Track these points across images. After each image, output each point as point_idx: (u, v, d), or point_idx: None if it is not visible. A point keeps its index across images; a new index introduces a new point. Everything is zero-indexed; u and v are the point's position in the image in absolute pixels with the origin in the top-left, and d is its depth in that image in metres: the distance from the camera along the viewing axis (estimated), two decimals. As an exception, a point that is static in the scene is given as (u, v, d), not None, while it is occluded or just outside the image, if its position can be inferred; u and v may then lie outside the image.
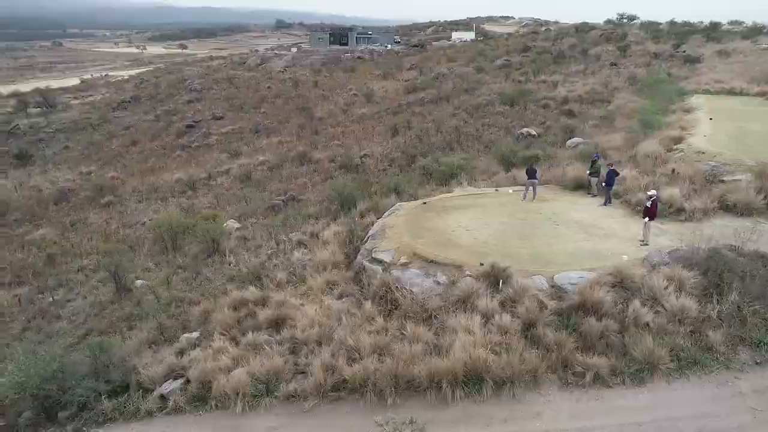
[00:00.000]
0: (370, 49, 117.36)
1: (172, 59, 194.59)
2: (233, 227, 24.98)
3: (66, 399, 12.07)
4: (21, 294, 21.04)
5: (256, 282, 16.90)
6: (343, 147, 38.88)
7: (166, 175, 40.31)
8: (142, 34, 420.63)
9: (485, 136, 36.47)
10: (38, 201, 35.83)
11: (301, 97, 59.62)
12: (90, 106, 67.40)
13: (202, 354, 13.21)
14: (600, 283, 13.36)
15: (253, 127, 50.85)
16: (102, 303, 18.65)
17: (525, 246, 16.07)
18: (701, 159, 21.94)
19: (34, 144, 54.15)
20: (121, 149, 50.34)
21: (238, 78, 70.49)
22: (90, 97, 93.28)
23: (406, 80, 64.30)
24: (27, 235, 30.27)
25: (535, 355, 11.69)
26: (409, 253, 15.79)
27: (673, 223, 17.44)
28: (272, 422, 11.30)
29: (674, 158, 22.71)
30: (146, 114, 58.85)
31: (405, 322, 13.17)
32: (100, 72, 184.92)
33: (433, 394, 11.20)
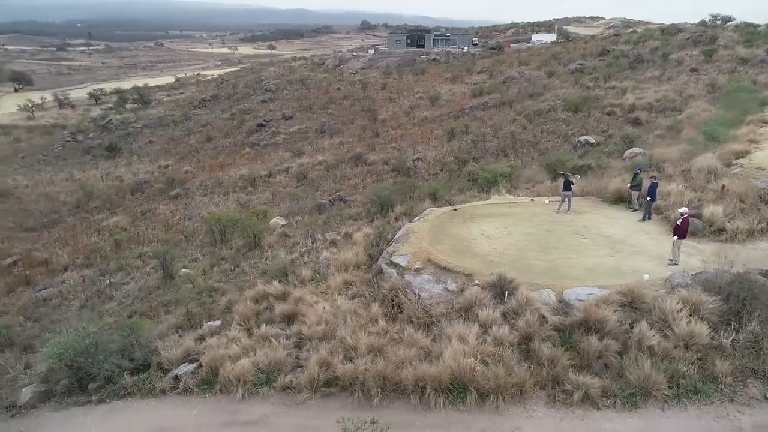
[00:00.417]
0: (447, 51, 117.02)
1: (259, 59, 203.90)
2: (279, 224, 26.23)
3: (95, 372, 13.45)
4: (86, 275, 23.33)
5: (282, 277, 17.82)
6: (399, 150, 39.41)
7: (233, 170, 42.68)
8: (235, 35, 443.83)
9: (542, 143, 35.70)
10: (117, 190, 39.21)
11: (368, 99, 60.78)
12: (175, 104, 72.38)
13: (216, 341, 14.23)
14: (608, 302, 13.00)
15: (319, 128, 52.55)
16: (149, 288, 20.34)
17: (543, 258, 15.86)
18: (760, 176, 20.47)
19: (123, 138, 59.03)
20: (197, 145, 53.79)
21: (311, 79, 72.90)
22: (180, 94, 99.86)
23: (474, 84, 63.75)
24: (103, 221, 33.31)
25: (525, 369, 11.64)
26: (424, 258, 16.05)
27: (711, 243, 16.50)
28: (267, 410, 12.02)
29: (731, 174, 21.31)
30: (223, 112, 62.38)
31: (405, 327, 13.50)
32: (193, 71, 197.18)
33: (417, 398, 11.47)
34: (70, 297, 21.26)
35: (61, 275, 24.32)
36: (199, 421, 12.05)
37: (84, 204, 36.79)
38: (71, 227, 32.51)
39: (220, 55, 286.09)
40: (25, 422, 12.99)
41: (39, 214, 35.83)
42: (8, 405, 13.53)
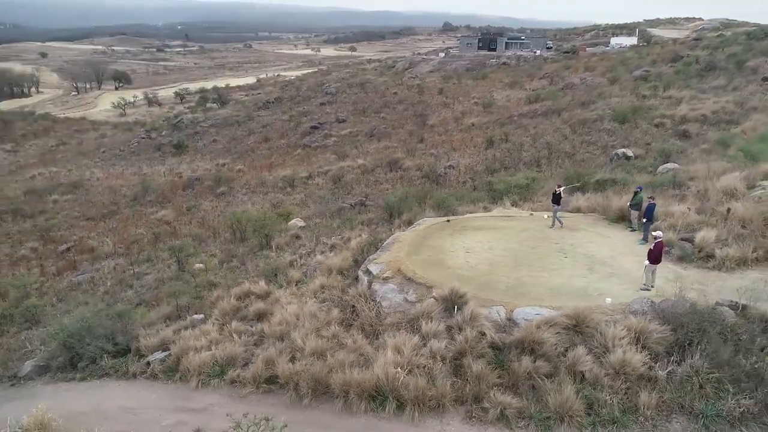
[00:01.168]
0: (518, 54, 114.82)
1: (339, 61, 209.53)
2: (297, 225, 27.48)
3: (82, 352, 15.13)
4: (118, 264, 25.70)
5: (272, 278, 18.93)
6: (435, 156, 39.66)
7: (280, 171, 44.72)
8: (319, 37, 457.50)
9: (580, 154, 34.70)
10: (172, 186, 42.30)
11: (423, 103, 61.21)
12: (242, 105, 76.38)
13: (190, 333, 15.50)
14: (552, 323, 12.92)
15: (369, 131, 53.68)
16: (163, 279, 22.16)
17: (512, 275, 15.86)
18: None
19: (191, 136, 63.23)
20: (254, 145, 56.66)
21: (371, 83, 74.31)
22: (258, 94, 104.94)
23: (533, 90, 62.41)
24: (153, 214, 36.17)
25: (449, 384, 11.90)
26: (395, 268, 16.52)
27: (697, 270, 15.78)
28: (213, 400, 13.05)
29: (749, 196, 20.02)
30: (283, 114, 65.14)
31: (356, 333, 14.09)
32: (275, 72, 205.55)
33: (341, 402, 12.06)
34: (99, 283, 23.57)
35: (100, 262, 26.89)
36: (157, 405, 13.29)
37: (140, 197, 40.09)
38: (124, 219, 35.63)
39: (303, 56, 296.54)
40: (20, 391, 14.86)
41: (101, 205, 39.50)
42: (11, 375, 15.50)
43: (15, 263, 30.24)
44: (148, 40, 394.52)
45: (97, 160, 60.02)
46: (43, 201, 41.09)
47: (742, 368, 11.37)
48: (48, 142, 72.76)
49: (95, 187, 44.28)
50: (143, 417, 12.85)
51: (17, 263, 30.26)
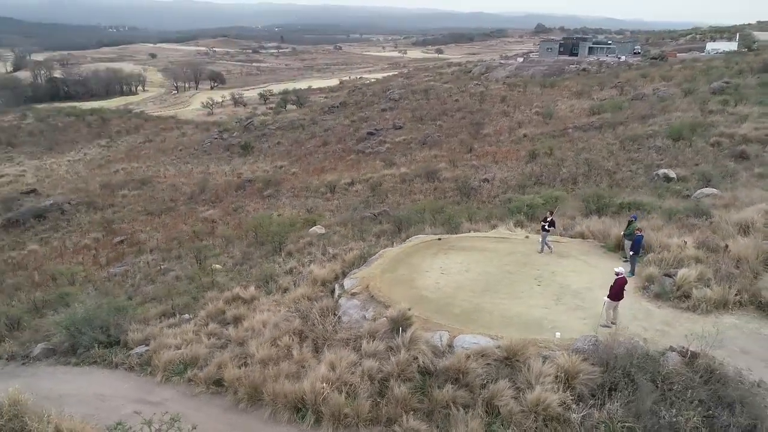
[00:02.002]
0: (600, 60, 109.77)
1: (423, 64, 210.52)
2: (317, 233, 28.62)
3: (80, 340, 17.06)
4: (153, 259, 28.14)
5: (264, 284, 20.13)
6: (476, 168, 39.39)
7: (328, 176, 46.30)
8: (408, 39, 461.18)
9: (621, 172, 33.19)
10: (226, 186, 45.13)
11: (482, 112, 60.57)
12: (309, 108, 79.28)
13: (171, 331, 17.00)
14: (484, 354, 13.02)
15: (422, 139, 54.05)
16: (180, 278, 24.09)
17: (474, 300, 15.92)
18: (794, 238, 17.59)
19: (259, 138, 66.69)
20: (313, 148, 58.84)
21: (434, 89, 74.36)
22: (336, 96, 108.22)
23: (602, 99, 59.75)
24: (202, 212, 38.91)
25: (369, 404, 12.36)
26: (365, 285, 17.11)
27: (670, 309, 15.04)
28: (169, 395, 14.34)
29: (763, 229, 18.56)
30: (345, 119, 66.96)
31: (306, 346, 14.86)
32: (359, 74, 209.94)
33: (270, 411, 12.89)
34: (130, 276, 26.00)
35: (140, 256, 29.54)
36: (125, 394, 14.78)
37: (197, 196, 43.17)
38: (177, 215, 38.63)
39: (389, 58, 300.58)
40: (27, 370, 17.01)
41: (161, 201, 43.01)
42: (24, 355, 17.75)
43: (77, 251, 33.87)
44: (246, 41, 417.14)
45: (173, 157, 64.99)
46: (114, 195, 45.42)
47: (660, 420, 10.95)
48: (137, 139, 79.69)
49: (161, 184, 48.20)
50: (110, 404, 14.35)
51: (79, 251, 33.87)
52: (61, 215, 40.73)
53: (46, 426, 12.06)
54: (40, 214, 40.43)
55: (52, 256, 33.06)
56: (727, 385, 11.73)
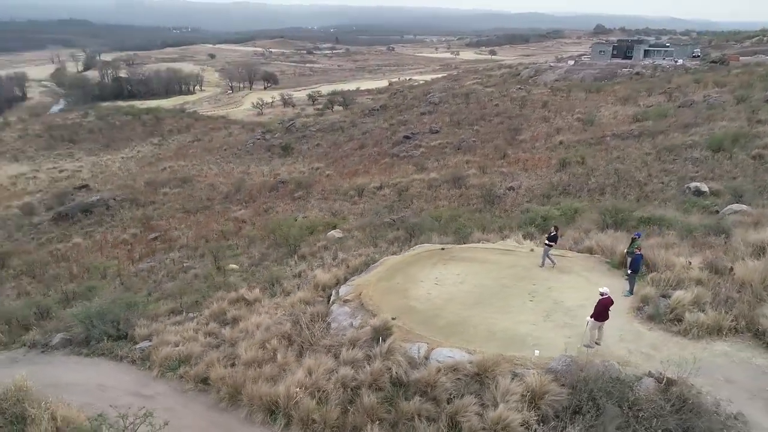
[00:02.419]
0: (655, 64, 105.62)
1: (474, 65, 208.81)
2: (334, 236, 29.16)
3: (92, 333, 18.21)
4: (177, 257, 29.47)
5: (270, 287, 20.80)
6: (504, 175, 38.96)
7: (359, 179, 46.87)
8: (462, 40, 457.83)
9: (651, 184, 32.07)
10: (260, 186, 46.48)
11: (521, 117, 59.66)
12: (350, 110, 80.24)
13: (173, 329, 17.89)
14: (457, 369, 13.11)
15: (457, 144, 53.80)
16: (198, 276, 25.16)
17: (461, 312, 15.95)
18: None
19: (300, 139, 68.16)
20: (350, 151, 59.62)
21: (475, 93, 73.69)
22: (380, 99, 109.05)
23: (648, 106, 57.61)
24: (235, 212, 40.29)
25: (338, 411, 12.69)
26: (358, 292, 17.46)
27: (661, 332, 14.59)
28: (161, 390, 15.16)
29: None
30: (385, 122, 67.44)
31: (291, 350, 15.35)
32: (408, 76, 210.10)
33: (246, 411, 13.43)
34: (155, 272, 27.35)
35: (169, 253, 30.97)
36: (124, 386, 15.70)
37: (232, 195, 44.71)
38: (210, 214, 40.19)
39: (441, 59, 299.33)
40: (44, 358, 18.29)
41: (198, 199, 44.80)
42: (44, 343, 19.08)
43: (116, 245, 35.84)
44: (302, 42, 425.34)
45: (218, 157, 67.41)
46: (156, 192, 47.67)
47: (620, 447, 10.77)
48: (186, 138, 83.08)
49: (201, 183, 50.18)
50: (108, 395, 15.27)
51: (117, 246, 35.84)
52: (106, 210, 43.15)
53: (43, 413, 13.05)
54: (87, 209, 43.00)
55: (92, 250, 35.14)
56: (699, 415, 11.38)
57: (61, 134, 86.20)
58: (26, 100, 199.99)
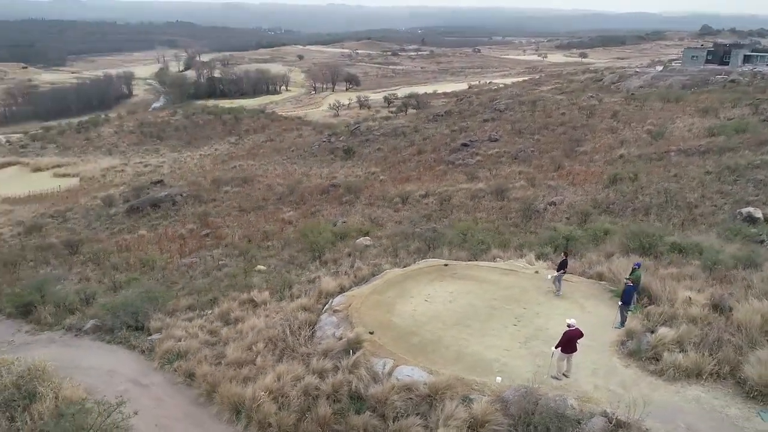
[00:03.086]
0: (755, 71, 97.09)
1: (561, 68, 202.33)
2: (363, 244, 29.93)
3: (114, 322, 20.18)
4: (218, 254, 31.49)
5: (279, 291, 21.94)
6: (550, 189, 37.92)
7: (411, 185, 47.31)
8: (552, 42, 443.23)
9: (703, 206, 30.09)
10: (312, 190, 48.15)
11: (586, 127, 57.38)
12: (414, 115, 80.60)
13: (182, 324, 19.44)
14: (411, 387, 13.45)
15: (514, 153, 52.78)
16: (228, 274, 26.83)
17: (439, 332, 16.17)
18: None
19: (363, 143, 69.58)
20: (408, 156, 60.14)
21: (543, 101, 71.51)
22: (460, 101, 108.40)
23: (728, 119, 53.39)
24: (284, 213, 42.16)
25: (294, 418, 13.44)
26: (348, 304, 18.13)
27: (637, 369, 14.08)
28: (156, 381, 16.59)
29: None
30: (447, 128, 67.29)
31: (272, 354, 16.29)
32: (490, 79, 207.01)
33: (218, 409, 14.50)
34: (194, 268, 29.45)
35: (213, 250, 33.14)
36: (127, 374, 17.31)
37: (285, 197, 46.72)
38: (261, 214, 42.34)
39: (527, 62, 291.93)
40: (74, 341, 20.44)
41: (254, 199, 47.24)
42: (78, 328, 21.32)
43: (172, 239, 38.73)
44: (389, 44, 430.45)
45: (284, 157, 70.37)
46: (219, 190, 50.79)
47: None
48: (260, 138, 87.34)
49: (261, 183, 52.78)
50: (113, 380, 16.96)
51: (174, 240, 38.71)
52: (172, 206, 46.64)
53: (48, 391, 14.86)
54: (156, 203, 46.70)
55: (152, 242, 38.22)
56: (638, 461, 11.06)
57: (151, 131, 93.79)
58: (131, 97, 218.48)
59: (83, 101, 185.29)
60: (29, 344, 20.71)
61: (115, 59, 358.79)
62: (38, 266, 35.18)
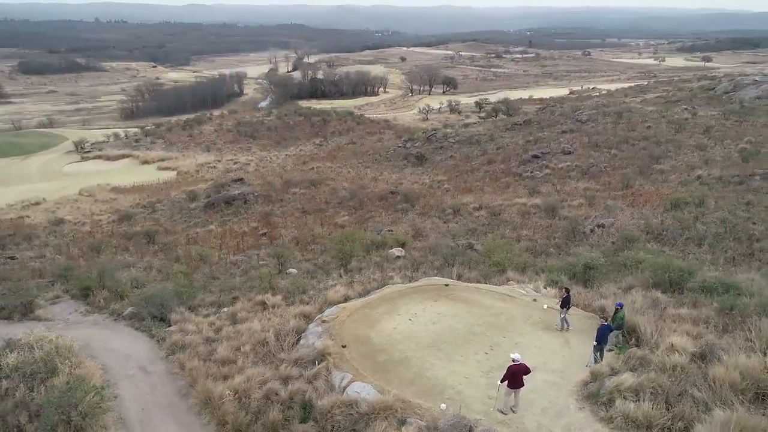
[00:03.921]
0: None
1: (679, 73, 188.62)
2: (393, 255, 30.62)
3: (143, 311, 22.62)
4: (262, 254, 33.64)
5: (292, 296, 23.33)
6: (607, 209, 36.09)
7: (470, 196, 47.10)
8: (673, 44, 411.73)
9: (766, 240, 27.39)
10: (372, 195, 49.37)
11: (672, 143, 53.38)
12: (492, 123, 79.14)
13: (194, 319, 21.41)
14: (353, 405, 14.06)
15: (586, 168, 50.50)
16: (261, 275, 28.71)
17: (409, 352, 16.58)
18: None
19: (437, 150, 69.81)
20: (477, 166, 59.54)
21: (631, 112, 67.16)
22: (552, 108, 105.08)
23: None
24: (341, 218, 43.85)
25: (249, 418, 14.60)
26: (336, 316, 19.04)
27: (588, 414, 13.64)
28: (160, 369, 18.39)
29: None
30: (522, 138, 65.61)
31: (254, 356, 17.60)
32: (596, 84, 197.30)
33: (191, 402, 16.02)
34: (239, 266, 31.77)
35: (261, 250, 35.43)
36: (139, 360, 19.44)
37: (346, 201, 48.40)
38: (319, 217, 44.33)
39: (641, 66, 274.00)
40: (113, 325, 23.11)
41: (317, 202, 49.42)
42: (118, 313, 24.10)
43: (235, 236, 41.80)
44: (494, 46, 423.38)
45: (360, 161, 72.41)
46: (287, 191, 53.63)
47: None
48: (343, 141, 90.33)
49: (327, 186, 54.92)
50: (127, 363, 19.13)
51: (237, 236, 41.75)
52: (244, 204, 50.11)
53: (66, 368, 17.25)
54: (229, 201, 50.45)
55: (217, 237, 41.52)
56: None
57: (246, 130, 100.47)
58: (242, 95, 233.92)
59: (198, 98, 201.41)
60: (78, 323, 23.76)
61: (231, 59, 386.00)
62: (118, 252, 39.58)
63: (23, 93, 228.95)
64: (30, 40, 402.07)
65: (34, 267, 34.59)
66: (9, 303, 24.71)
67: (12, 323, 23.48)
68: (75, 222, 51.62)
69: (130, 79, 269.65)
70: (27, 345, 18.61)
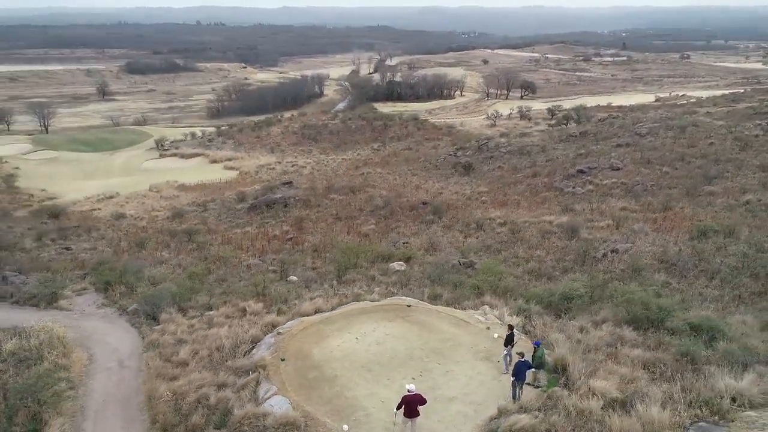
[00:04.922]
0: None
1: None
2: (394, 269, 31.17)
3: (140, 309, 24.84)
4: (276, 258, 35.31)
5: (275, 303, 24.65)
6: (631, 232, 34.43)
7: (503, 211, 46.40)
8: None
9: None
10: (404, 205, 49.79)
11: (735, 162, 49.45)
12: (548, 134, 76.51)
13: (181, 320, 23.26)
14: (261, 417, 15.09)
15: (630, 186, 48.03)
16: (256, 281, 30.25)
17: (339, 371, 17.37)
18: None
19: (486, 159, 68.90)
20: (522, 178, 58.13)
21: (697, 126, 62.56)
22: (624, 117, 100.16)
23: None
24: (366, 226, 44.82)
25: (178, 420, 15.98)
26: (290, 329, 20.08)
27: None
28: (135, 364, 20.38)
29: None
30: (574, 150, 63.23)
31: (206, 360, 19.02)
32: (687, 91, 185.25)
33: (142, 399, 17.68)
34: (252, 268, 33.61)
35: (278, 254, 37.16)
36: (122, 354, 21.46)
37: (378, 209, 49.23)
38: (348, 224, 45.57)
39: (745, 71, 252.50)
40: (116, 319, 25.56)
41: (351, 209, 50.65)
42: (124, 308, 26.52)
43: (268, 239, 43.91)
44: (583, 48, 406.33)
45: (410, 168, 72.92)
46: (326, 197, 55.30)
47: None
48: (400, 146, 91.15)
49: (366, 193, 55.96)
50: (111, 356, 21.23)
51: (269, 239, 43.85)
52: (284, 207, 52.38)
53: (51, 356, 19.56)
54: (270, 204, 52.93)
55: (249, 239, 43.86)
56: None
57: (310, 133, 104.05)
58: (321, 96, 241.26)
59: (280, 99, 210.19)
60: (91, 315, 26.48)
61: (317, 60, 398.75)
62: (159, 249, 42.91)
63: (126, 91, 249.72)
64: (138, 42, 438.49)
65: (82, 258, 38.39)
66: (40, 292, 27.93)
67: (38, 311, 26.57)
68: (135, 217, 56.29)
69: (221, 79, 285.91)
70: (28, 333, 21.23)
